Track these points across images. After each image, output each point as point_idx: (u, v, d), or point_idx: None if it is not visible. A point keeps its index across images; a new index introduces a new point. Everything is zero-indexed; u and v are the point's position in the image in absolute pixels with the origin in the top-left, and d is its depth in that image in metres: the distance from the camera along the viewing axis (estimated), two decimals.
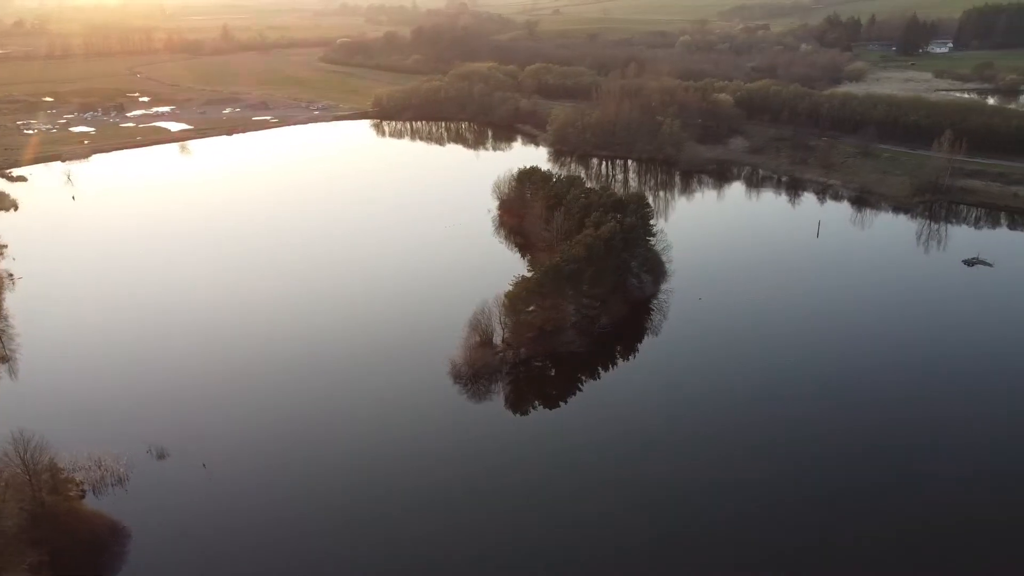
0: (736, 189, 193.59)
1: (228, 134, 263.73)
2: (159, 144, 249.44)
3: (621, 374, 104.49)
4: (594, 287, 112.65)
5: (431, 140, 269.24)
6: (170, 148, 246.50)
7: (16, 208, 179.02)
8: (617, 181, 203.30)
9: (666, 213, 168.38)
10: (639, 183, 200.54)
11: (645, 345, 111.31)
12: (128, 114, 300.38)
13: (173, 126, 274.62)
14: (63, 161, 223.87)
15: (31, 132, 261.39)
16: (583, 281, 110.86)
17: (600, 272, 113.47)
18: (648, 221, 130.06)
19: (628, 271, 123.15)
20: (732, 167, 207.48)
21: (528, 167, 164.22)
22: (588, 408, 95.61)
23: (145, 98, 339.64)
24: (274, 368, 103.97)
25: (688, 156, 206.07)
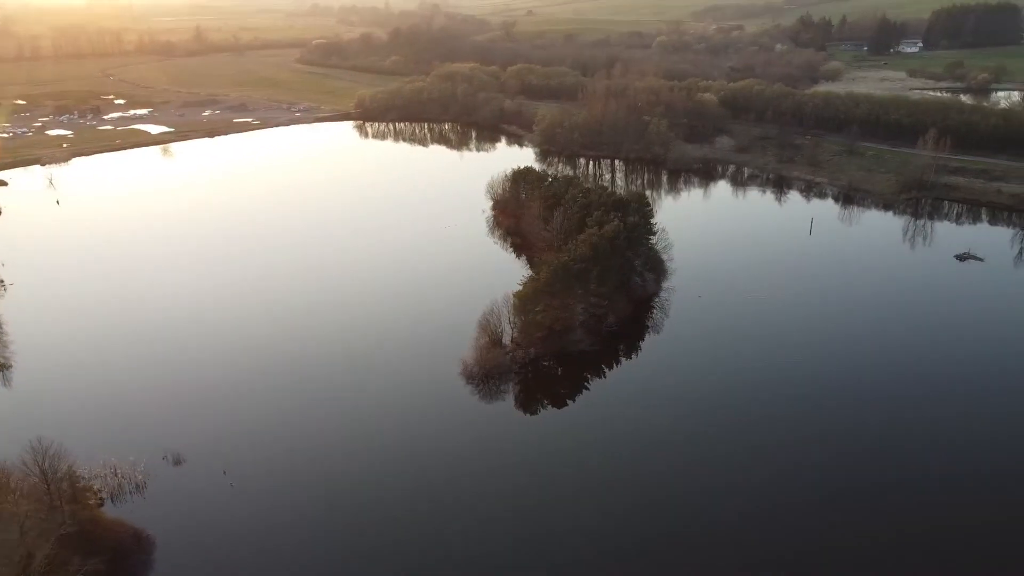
0: (726, 187, 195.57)
1: (210, 136, 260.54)
2: (139, 147, 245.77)
3: (630, 373, 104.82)
4: (601, 286, 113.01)
5: (417, 141, 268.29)
6: (151, 151, 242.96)
7: None
8: (605, 180, 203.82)
9: (659, 212, 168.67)
10: (628, 182, 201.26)
11: (652, 343, 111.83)
12: (105, 117, 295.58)
13: (153, 129, 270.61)
14: (42, 165, 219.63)
15: (6, 136, 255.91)
16: (590, 280, 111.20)
17: (606, 271, 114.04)
18: (649, 220, 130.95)
19: (632, 270, 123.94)
20: (720, 166, 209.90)
21: (522, 167, 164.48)
22: (601, 407, 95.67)
23: (120, 100, 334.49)
24: (279, 370, 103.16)
25: (676, 155, 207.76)
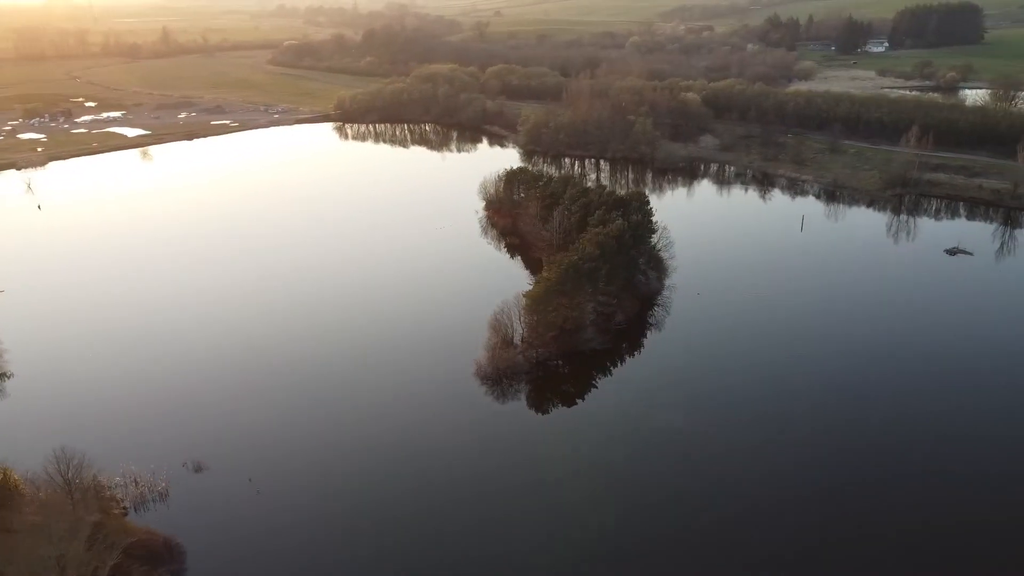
0: (714, 186, 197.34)
1: (188, 139, 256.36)
2: (117, 150, 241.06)
3: (642, 370, 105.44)
4: (609, 284, 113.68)
5: (400, 143, 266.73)
6: (130, 154, 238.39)
7: None
8: (592, 180, 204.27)
9: (653, 210, 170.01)
10: (615, 181, 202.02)
11: (660, 340, 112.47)
12: (77, 120, 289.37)
13: (129, 132, 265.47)
14: (18, 169, 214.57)
15: None
16: (599, 279, 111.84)
17: (614, 269, 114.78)
18: (650, 218, 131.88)
19: (636, 268, 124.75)
20: (706, 165, 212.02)
21: (516, 168, 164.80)
22: (616, 405, 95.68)
23: (91, 103, 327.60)
24: (284, 373, 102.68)
25: (663, 154, 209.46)
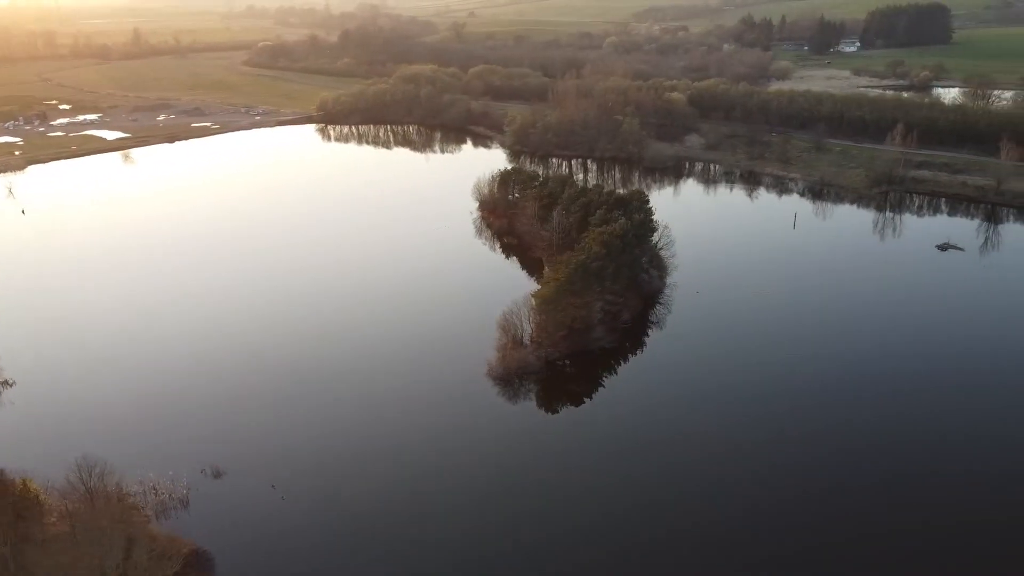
0: (703, 185, 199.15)
1: (169, 142, 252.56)
2: (97, 153, 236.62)
3: (651, 368, 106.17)
4: (615, 283, 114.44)
5: (385, 144, 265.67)
6: (110, 157, 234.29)
7: None
8: (579, 179, 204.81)
9: None
10: (603, 181, 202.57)
11: (666, 338, 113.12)
12: (52, 123, 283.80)
13: (108, 134, 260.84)
14: None
15: None
16: (606, 277, 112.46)
17: (619, 268, 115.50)
18: (651, 217, 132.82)
19: (639, 267, 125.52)
20: (693, 164, 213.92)
21: (511, 168, 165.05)
22: (628, 404, 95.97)
23: (65, 106, 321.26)
24: (287, 372, 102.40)
25: (652, 154, 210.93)
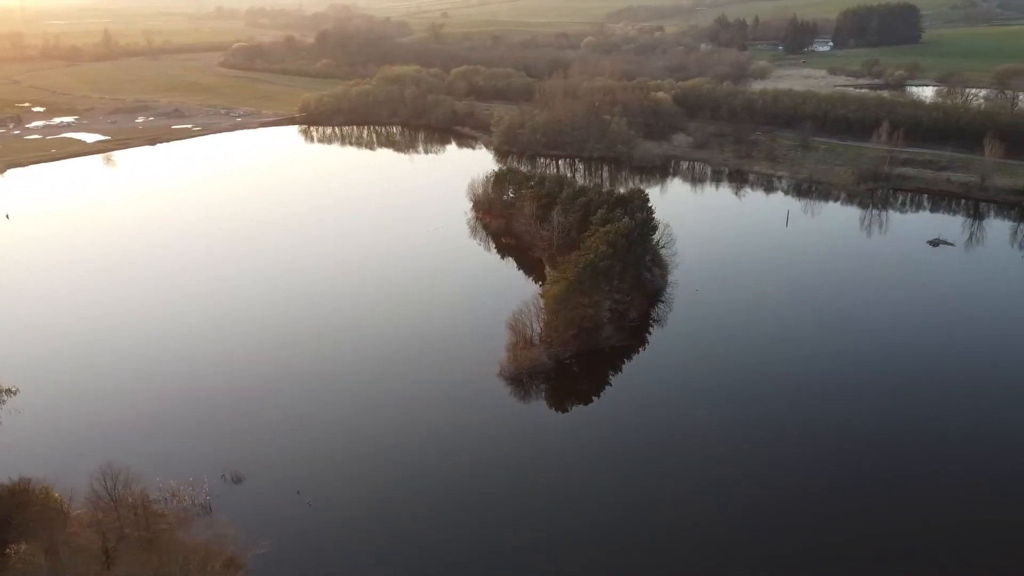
0: (692, 184, 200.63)
1: (151, 144, 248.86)
2: (77, 156, 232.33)
3: (661, 366, 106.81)
4: (622, 282, 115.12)
5: (370, 145, 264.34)
6: (92, 160, 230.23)
7: None
8: (569, 180, 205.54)
9: None
10: (591, 180, 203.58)
11: (672, 336, 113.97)
12: (28, 125, 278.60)
13: (87, 137, 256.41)
14: None
15: None
16: (614, 276, 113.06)
17: (625, 267, 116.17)
18: (652, 216, 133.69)
19: (643, 265, 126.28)
20: (681, 163, 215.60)
21: (506, 168, 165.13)
22: (640, 403, 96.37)
23: (39, 108, 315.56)
24: (290, 374, 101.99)
25: (640, 153, 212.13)
